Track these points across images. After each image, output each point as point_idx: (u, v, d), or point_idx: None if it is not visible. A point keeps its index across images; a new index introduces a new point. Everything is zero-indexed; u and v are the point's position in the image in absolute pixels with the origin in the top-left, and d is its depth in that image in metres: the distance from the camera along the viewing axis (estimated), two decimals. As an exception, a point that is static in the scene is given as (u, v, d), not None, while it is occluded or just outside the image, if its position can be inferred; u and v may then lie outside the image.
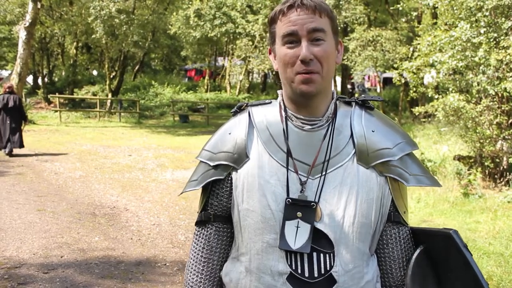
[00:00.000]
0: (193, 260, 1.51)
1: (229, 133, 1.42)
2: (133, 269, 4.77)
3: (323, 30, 1.28)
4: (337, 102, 1.40)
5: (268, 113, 1.40)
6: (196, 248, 1.51)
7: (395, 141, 1.36)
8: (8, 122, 11.10)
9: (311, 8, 1.28)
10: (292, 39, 1.28)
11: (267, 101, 1.46)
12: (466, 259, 1.25)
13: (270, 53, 1.42)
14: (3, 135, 11.10)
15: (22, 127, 11.52)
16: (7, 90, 11.36)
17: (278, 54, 1.33)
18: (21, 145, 11.33)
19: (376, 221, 1.34)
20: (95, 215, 6.62)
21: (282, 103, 1.39)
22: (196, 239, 1.52)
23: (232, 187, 1.38)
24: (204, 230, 1.49)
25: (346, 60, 18.52)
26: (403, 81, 11.38)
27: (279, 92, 1.44)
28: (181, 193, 1.56)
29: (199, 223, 1.51)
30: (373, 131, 1.36)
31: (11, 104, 11.17)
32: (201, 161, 1.46)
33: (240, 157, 1.37)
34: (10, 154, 11.12)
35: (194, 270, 1.50)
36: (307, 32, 1.27)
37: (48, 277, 4.47)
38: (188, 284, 1.51)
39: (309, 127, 1.34)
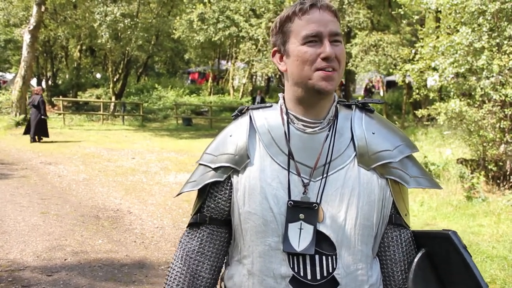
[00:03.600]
0: (179, 262, 1.46)
1: (230, 136, 1.42)
2: (137, 271, 4.79)
3: (341, 34, 1.32)
4: (337, 105, 1.41)
5: (269, 117, 1.41)
6: (184, 250, 1.46)
7: (395, 143, 1.38)
8: (33, 116, 14.41)
9: (333, 11, 1.31)
10: (315, 39, 1.29)
11: (268, 104, 1.46)
12: (465, 259, 1.24)
13: (274, 55, 1.41)
14: (31, 125, 14.42)
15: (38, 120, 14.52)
16: (35, 92, 15.36)
17: (295, 52, 1.31)
18: (46, 135, 14.60)
19: (378, 223, 1.35)
20: (98, 218, 6.64)
21: (283, 106, 1.40)
22: (186, 240, 1.48)
23: (232, 190, 1.39)
24: (197, 232, 1.47)
25: (350, 66, 18.51)
26: (407, 81, 11.36)
27: (280, 95, 1.45)
28: (179, 194, 1.55)
29: (192, 225, 1.48)
30: (373, 134, 1.37)
31: (35, 103, 14.64)
32: (200, 164, 1.46)
33: (241, 159, 1.37)
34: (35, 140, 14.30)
35: (177, 271, 1.45)
36: (329, 33, 1.29)
37: (52, 279, 4.49)
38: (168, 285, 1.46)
39: (311, 129, 1.35)
